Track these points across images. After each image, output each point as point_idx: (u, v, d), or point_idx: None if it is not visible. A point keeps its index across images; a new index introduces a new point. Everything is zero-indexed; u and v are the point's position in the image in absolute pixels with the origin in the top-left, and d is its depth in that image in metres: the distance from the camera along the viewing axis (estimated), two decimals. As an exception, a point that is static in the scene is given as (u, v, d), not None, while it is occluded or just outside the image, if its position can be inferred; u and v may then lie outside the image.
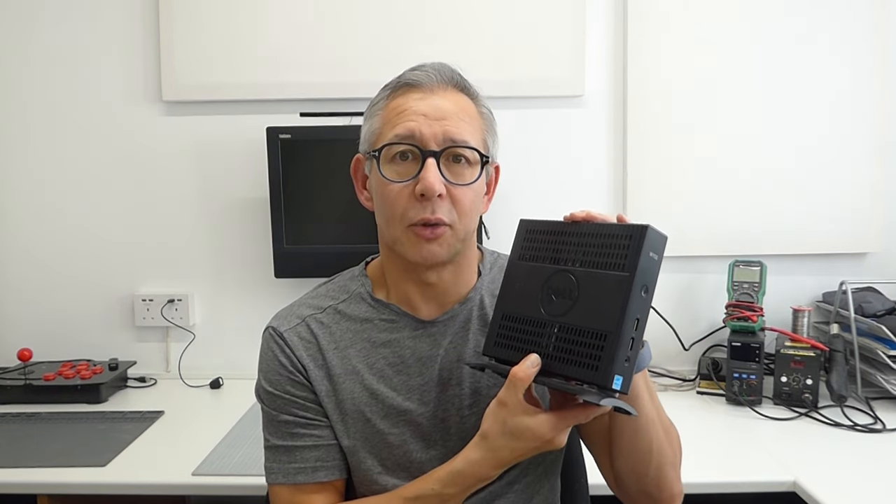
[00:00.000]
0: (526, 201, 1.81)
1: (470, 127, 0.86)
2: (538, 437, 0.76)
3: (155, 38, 1.80)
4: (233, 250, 1.86)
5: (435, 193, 0.82)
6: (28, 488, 1.27)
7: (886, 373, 1.54)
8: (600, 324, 0.73)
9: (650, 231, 0.74)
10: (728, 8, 1.76)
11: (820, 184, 1.79)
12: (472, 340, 0.92)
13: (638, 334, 0.73)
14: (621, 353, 0.71)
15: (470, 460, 0.80)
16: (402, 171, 0.85)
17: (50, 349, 1.85)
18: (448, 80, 0.88)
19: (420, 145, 0.84)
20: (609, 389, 0.71)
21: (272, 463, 0.91)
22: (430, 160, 0.83)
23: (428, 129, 0.84)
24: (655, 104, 1.79)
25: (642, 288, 0.73)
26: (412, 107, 0.85)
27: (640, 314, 0.73)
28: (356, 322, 0.93)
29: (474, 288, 0.95)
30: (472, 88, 0.90)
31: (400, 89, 0.88)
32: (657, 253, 0.75)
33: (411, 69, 0.89)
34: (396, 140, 0.84)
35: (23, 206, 1.86)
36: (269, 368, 0.91)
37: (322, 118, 1.74)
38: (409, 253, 0.86)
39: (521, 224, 0.89)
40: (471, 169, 0.86)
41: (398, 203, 0.84)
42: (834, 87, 1.77)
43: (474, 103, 0.90)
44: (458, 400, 0.91)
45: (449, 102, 0.86)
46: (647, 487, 0.90)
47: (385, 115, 0.88)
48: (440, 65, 0.89)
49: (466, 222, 0.87)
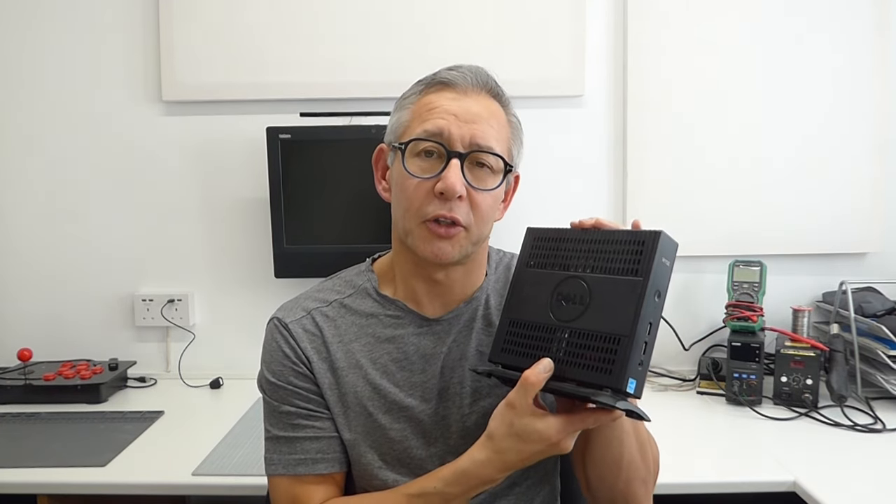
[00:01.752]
0: (526, 201, 1.80)
1: (498, 134, 0.87)
2: (545, 440, 0.76)
3: (155, 38, 1.80)
4: (233, 250, 1.86)
5: (455, 194, 0.83)
6: (28, 488, 1.27)
7: (886, 373, 1.54)
8: (614, 328, 0.74)
9: (663, 237, 0.75)
10: (728, 7, 1.76)
11: (820, 184, 1.79)
12: (475, 339, 0.92)
13: (650, 339, 0.74)
14: (635, 356, 0.72)
15: (475, 460, 0.80)
16: (425, 167, 0.85)
17: (50, 349, 1.85)
18: (482, 85, 0.89)
19: (447, 144, 0.84)
20: (623, 392, 0.71)
21: (272, 454, 0.91)
22: (455, 161, 0.83)
23: (457, 130, 0.84)
24: (655, 104, 1.79)
25: (655, 293, 0.74)
26: (444, 105, 0.85)
27: (653, 319, 0.74)
28: (361, 317, 0.93)
29: (480, 288, 0.95)
30: (505, 96, 0.91)
31: (434, 86, 0.88)
32: (669, 259, 0.76)
33: (448, 68, 0.89)
34: (424, 136, 0.85)
35: (23, 206, 1.86)
36: (273, 359, 0.91)
37: (322, 118, 1.74)
38: (419, 247, 0.86)
39: (529, 232, 0.89)
40: (493, 175, 0.87)
41: (416, 197, 0.85)
42: (834, 86, 1.77)
43: (504, 111, 0.90)
44: (459, 398, 0.91)
45: (481, 107, 0.86)
46: (614, 498, 0.90)
47: (415, 110, 0.88)
48: (476, 68, 0.90)
49: (482, 226, 0.87)
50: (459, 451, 0.83)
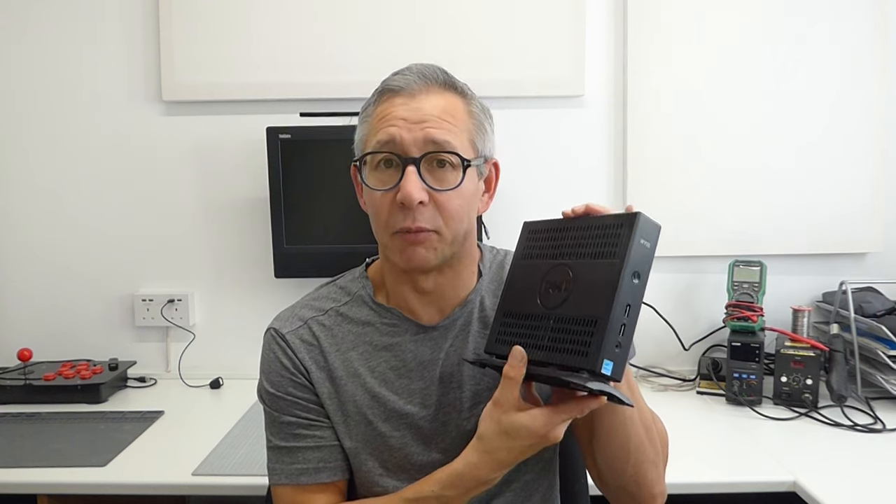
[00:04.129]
0: (526, 201, 1.82)
1: (454, 128, 0.84)
2: (533, 434, 0.75)
3: (155, 38, 1.80)
4: (233, 250, 1.86)
5: (415, 202, 0.81)
6: (28, 488, 1.27)
7: (886, 373, 1.54)
8: (591, 311, 0.74)
9: (641, 218, 0.75)
10: (728, 8, 1.76)
11: (820, 184, 1.79)
12: (473, 343, 0.92)
13: (629, 321, 0.73)
14: (610, 338, 0.71)
15: (468, 462, 0.80)
16: (384, 179, 0.84)
17: (50, 349, 1.85)
18: (433, 80, 0.86)
19: (400, 152, 0.82)
20: (599, 374, 0.71)
21: (275, 464, 0.91)
22: (410, 168, 0.81)
23: (408, 134, 0.82)
24: (655, 104, 1.79)
25: (633, 274, 0.73)
26: (393, 112, 0.84)
27: (632, 300, 0.73)
28: (358, 325, 0.93)
29: (474, 290, 0.94)
30: (460, 85, 0.88)
31: (384, 95, 0.86)
32: (649, 241, 0.75)
33: (393, 73, 0.87)
34: (377, 147, 0.83)
35: (23, 206, 1.86)
36: (271, 370, 0.91)
37: (322, 118, 1.74)
38: (396, 258, 0.86)
39: (524, 226, 0.90)
40: (454, 172, 0.84)
41: (382, 210, 0.84)
42: (834, 87, 1.77)
43: (463, 101, 0.87)
44: (458, 403, 0.91)
45: (432, 104, 0.84)
46: (625, 484, 0.89)
47: (371, 122, 0.87)
48: (423, 65, 0.87)
49: (454, 227, 0.85)
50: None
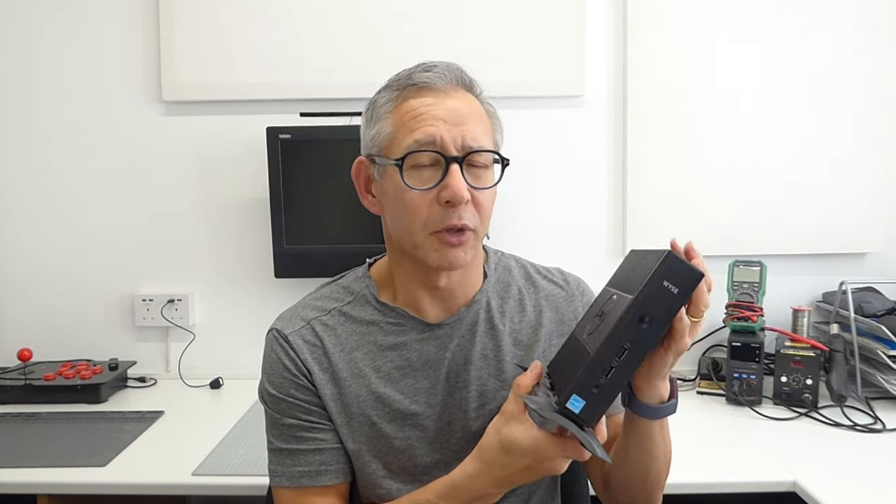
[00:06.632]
0: (526, 201, 1.82)
1: (484, 129, 0.85)
2: (528, 454, 0.74)
3: (155, 38, 1.80)
4: (233, 250, 1.86)
5: (463, 200, 0.81)
6: (28, 488, 1.27)
7: (886, 373, 1.54)
8: (593, 344, 0.72)
9: (668, 258, 0.69)
10: (728, 8, 1.76)
11: (820, 184, 1.79)
12: (480, 343, 0.92)
13: (622, 365, 0.69)
14: (590, 375, 0.68)
15: (465, 472, 0.80)
16: (424, 178, 0.83)
17: (50, 349, 1.85)
18: (458, 81, 0.86)
19: (442, 151, 0.82)
20: (565, 409, 0.68)
21: (276, 465, 0.90)
22: (455, 166, 0.82)
23: (448, 135, 0.82)
24: (655, 104, 1.79)
25: (640, 318, 0.68)
26: (429, 111, 0.83)
27: (631, 344, 0.69)
28: (362, 324, 0.92)
29: (480, 290, 0.94)
30: (477, 86, 0.89)
31: (409, 90, 0.85)
32: (678, 286, 0.69)
33: (420, 69, 0.86)
34: (417, 147, 0.82)
35: (23, 206, 1.86)
36: (273, 371, 0.90)
37: (322, 118, 1.74)
38: (431, 258, 0.84)
39: (629, 252, 0.86)
40: (489, 171, 0.86)
41: (421, 210, 0.83)
42: (834, 87, 1.77)
43: (480, 102, 0.88)
44: (464, 403, 0.90)
45: (462, 104, 0.84)
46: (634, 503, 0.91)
47: (397, 118, 0.85)
48: (448, 64, 0.87)
49: (487, 224, 0.87)
50: (464, 457, 0.82)
